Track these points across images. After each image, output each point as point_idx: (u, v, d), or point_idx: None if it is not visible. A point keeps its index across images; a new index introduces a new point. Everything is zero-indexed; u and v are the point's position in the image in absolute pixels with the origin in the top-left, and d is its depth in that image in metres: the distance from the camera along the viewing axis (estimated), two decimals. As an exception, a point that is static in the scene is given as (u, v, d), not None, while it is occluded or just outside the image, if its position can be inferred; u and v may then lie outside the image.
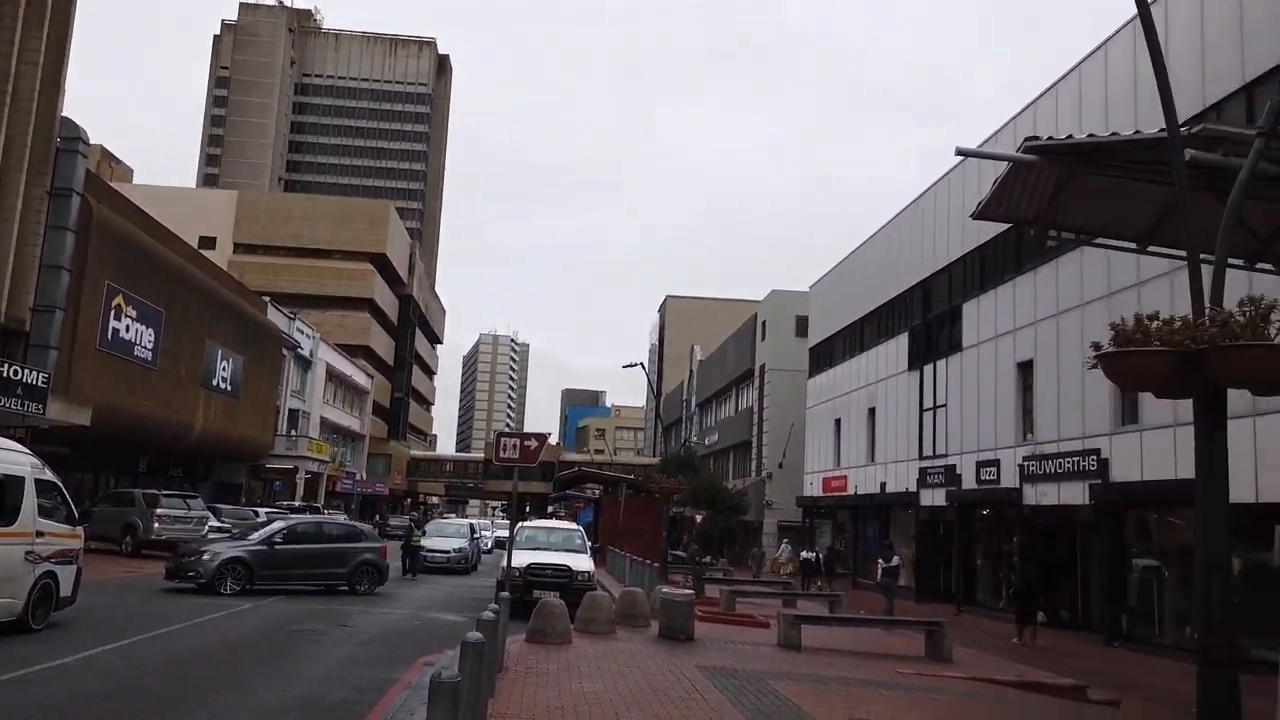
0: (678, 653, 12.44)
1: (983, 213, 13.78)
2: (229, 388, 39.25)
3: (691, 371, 75.92)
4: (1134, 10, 20.85)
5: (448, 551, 31.39)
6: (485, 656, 6.77)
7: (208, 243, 68.51)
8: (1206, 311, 5.50)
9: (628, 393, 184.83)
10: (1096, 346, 5.95)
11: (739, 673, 11.14)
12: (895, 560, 23.42)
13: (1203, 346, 5.36)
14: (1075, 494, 22.47)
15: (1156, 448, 19.82)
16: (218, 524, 28.44)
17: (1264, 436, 16.39)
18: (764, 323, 53.81)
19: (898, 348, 34.70)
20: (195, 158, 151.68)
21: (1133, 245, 13.77)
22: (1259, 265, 13.09)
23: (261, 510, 34.14)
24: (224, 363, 38.67)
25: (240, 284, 46.25)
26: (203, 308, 36.78)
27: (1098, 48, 22.72)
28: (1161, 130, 11.37)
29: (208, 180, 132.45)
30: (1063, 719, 10.69)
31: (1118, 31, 21.94)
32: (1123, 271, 21.19)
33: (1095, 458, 21.76)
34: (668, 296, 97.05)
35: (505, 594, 11.10)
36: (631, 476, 41.76)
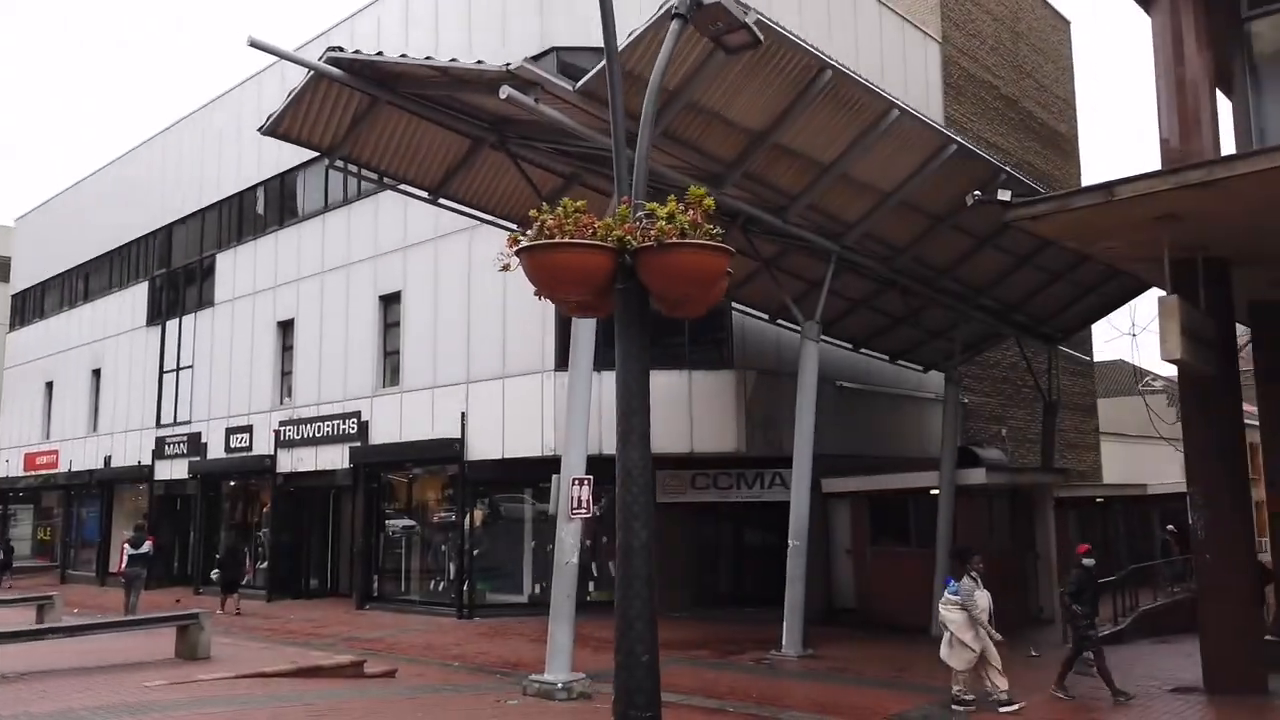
0: None
1: (273, 128, 11.84)
2: None
3: None
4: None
5: None
6: None
7: None
8: (645, 208, 4.73)
9: None
10: (515, 240, 4.76)
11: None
12: (147, 546, 19.45)
13: (647, 245, 4.59)
14: (335, 458, 21.85)
15: (416, 409, 20.26)
16: None
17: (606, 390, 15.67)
18: (-57, 259, 41.91)
19: (134, 299, 29.96)
20: None
21: (425, 195, 13.39)
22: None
23: None
24: None
25: None
26: None
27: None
28: (479, 62, 11.00)
29: None
30: (348, 700, 9.51)
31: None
32: (390, 233, 21.22)
33: (356, 420, 21.44)
34: None
35: None
36: None
